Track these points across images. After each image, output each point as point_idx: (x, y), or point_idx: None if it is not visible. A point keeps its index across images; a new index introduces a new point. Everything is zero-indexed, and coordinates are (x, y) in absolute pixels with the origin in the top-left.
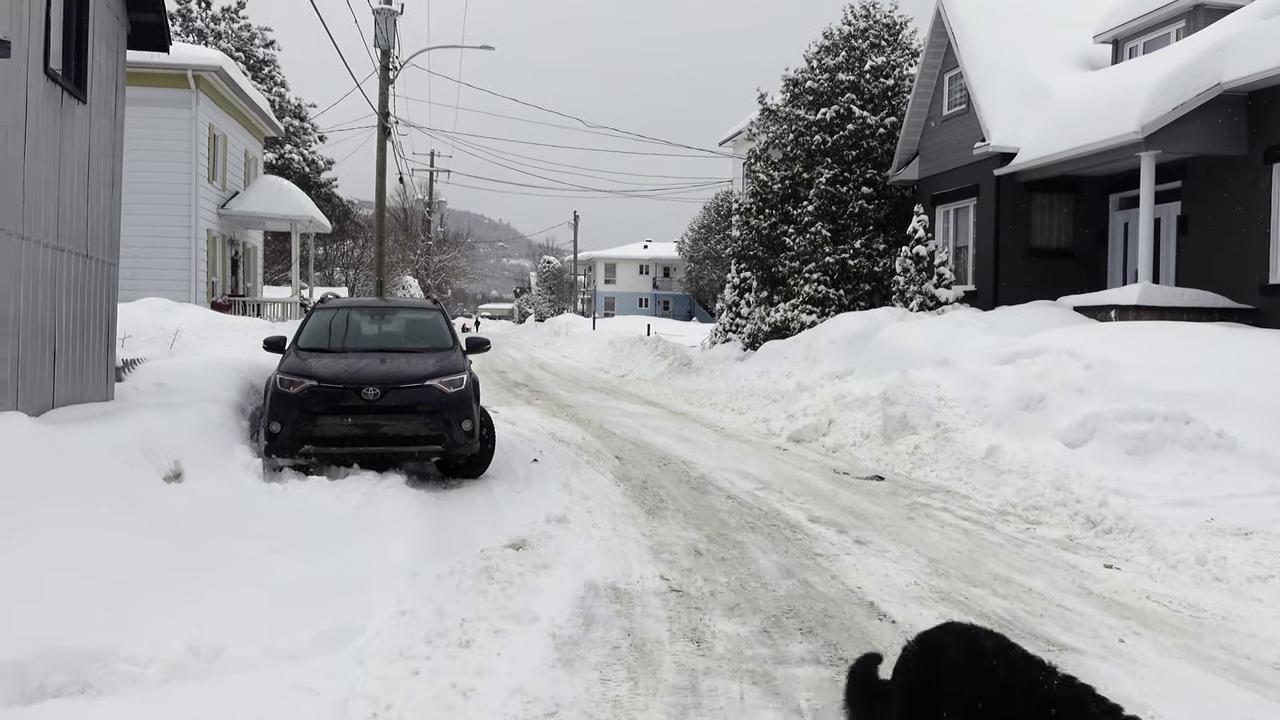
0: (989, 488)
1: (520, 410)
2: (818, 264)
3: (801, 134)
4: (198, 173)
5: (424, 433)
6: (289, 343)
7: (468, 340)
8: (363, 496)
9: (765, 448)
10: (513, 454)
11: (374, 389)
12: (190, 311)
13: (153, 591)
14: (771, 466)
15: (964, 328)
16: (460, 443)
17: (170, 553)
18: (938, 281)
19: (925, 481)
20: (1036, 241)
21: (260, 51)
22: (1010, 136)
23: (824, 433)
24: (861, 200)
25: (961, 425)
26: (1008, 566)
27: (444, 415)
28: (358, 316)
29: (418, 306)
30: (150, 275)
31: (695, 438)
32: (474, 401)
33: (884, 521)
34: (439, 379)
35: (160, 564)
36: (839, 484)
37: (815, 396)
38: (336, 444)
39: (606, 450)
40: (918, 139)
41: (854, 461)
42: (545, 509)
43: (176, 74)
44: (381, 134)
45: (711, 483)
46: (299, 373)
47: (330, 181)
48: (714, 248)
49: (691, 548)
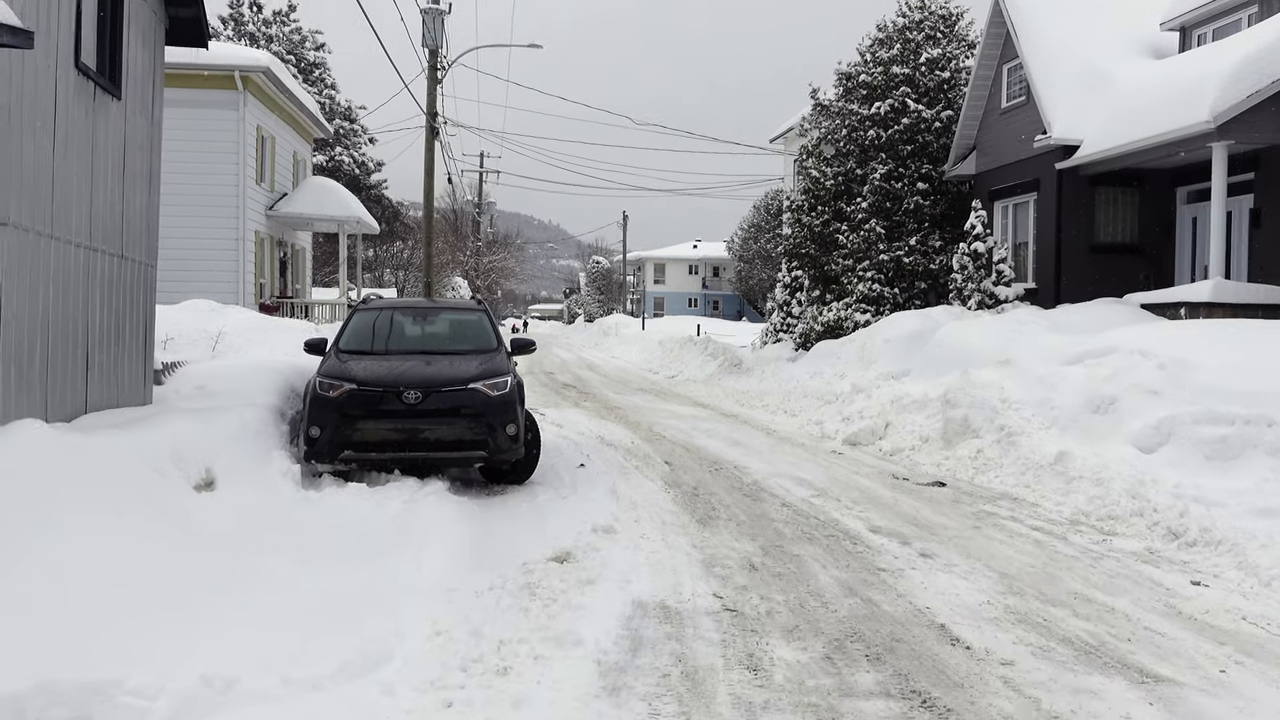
0: (1059, 495)
1: (568, 412)
2: (871, 262)
3: (855, 129)
4: (245, 174)
5: (467, 437)
6: (330, 345)
7: (513, 342)
8: (402, 505)
9: (819, 452)
10: (559, 458)
11: (415, 392)
12: (235, 313)
13: (170, 610)
14: (827, 472)
15: (1025, 326)
16: (504, 448)
17: (193, 568)
18: (997, 279)
19: (990, 488)
20: (1100, 237)
21: (311, 54)
22: (1073, 128)
23: (880, 436)
24: (917, 196)
25: (1027, 429)
26: (1086, 583)
27: (487, 419)
28: (400, 318)
29: (461, 307)
30: (198, 277)
31: (747, 441)
32: (519, 405)
33: (949, 532)
34: (482, 382)
35: (181, 581)
36: (899, 490)
37: (871, 398)
38: (377, 449)
39: (656, 454)
40: (975, 133)
41: (913, 466)
42: (591, 518)
43: (224, 75)
44: (429, 134)
45: (765, 489)
46: (338, 375)
47: (380, 183)
48: (764, 247)
49: (746, 561)
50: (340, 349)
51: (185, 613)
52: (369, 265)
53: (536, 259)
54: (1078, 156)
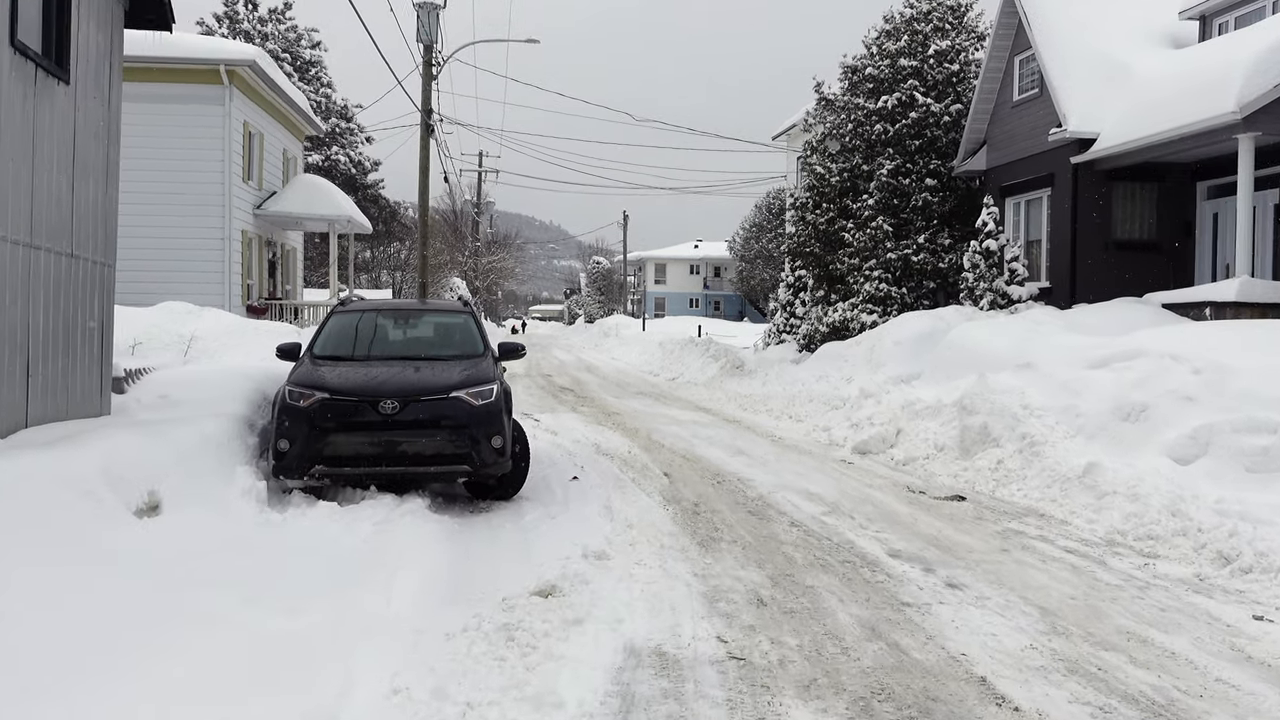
0: (1090, 512)
1: (564, 418)
2: (879, 261)
3: (861, 123)
4: (231, 171)
5: (448, 451)
6: (303, 350)
7: (501, 346)
8: (375, 526)
9: (828, 461)
10: (551, 470)
11: (392, 402)
12: (212, 316)
13: (76, 676)
14: (837, 484)
15: (1042, 327)
16: (489, 462)
17: (107, 620)
18: (1010, 278)
19: (1013, 503)
20: (1117, 234)
21: (307, 53)
22: (1089, 121)
23: (892, 444)
24: (925, 193)
25: (1051, 437)
26: (1136, 618)
27: (470, 431)
28: (380, 321)
29: (445, 309)
30: (181, 278)
31: (751, 450)
32: (505, 415)
33: (975, 555)
34: (465, 390)
35: (99, 633)
36: (916, 506)
37: (881, 403)
38: (350, 464)
39: (654, 465)
40: (985, 127)
41: (928, 478)
42: (583, 540)
43: (209, 69)
44: (424, 131)
45: (772, 505)
46: (310, 384)
47: (377, 183)
48: (765, 246)
49: (753, 594)
50: (314, 354)
51: (98, 676)
52: (366, 266)
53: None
54: (1094, 150)
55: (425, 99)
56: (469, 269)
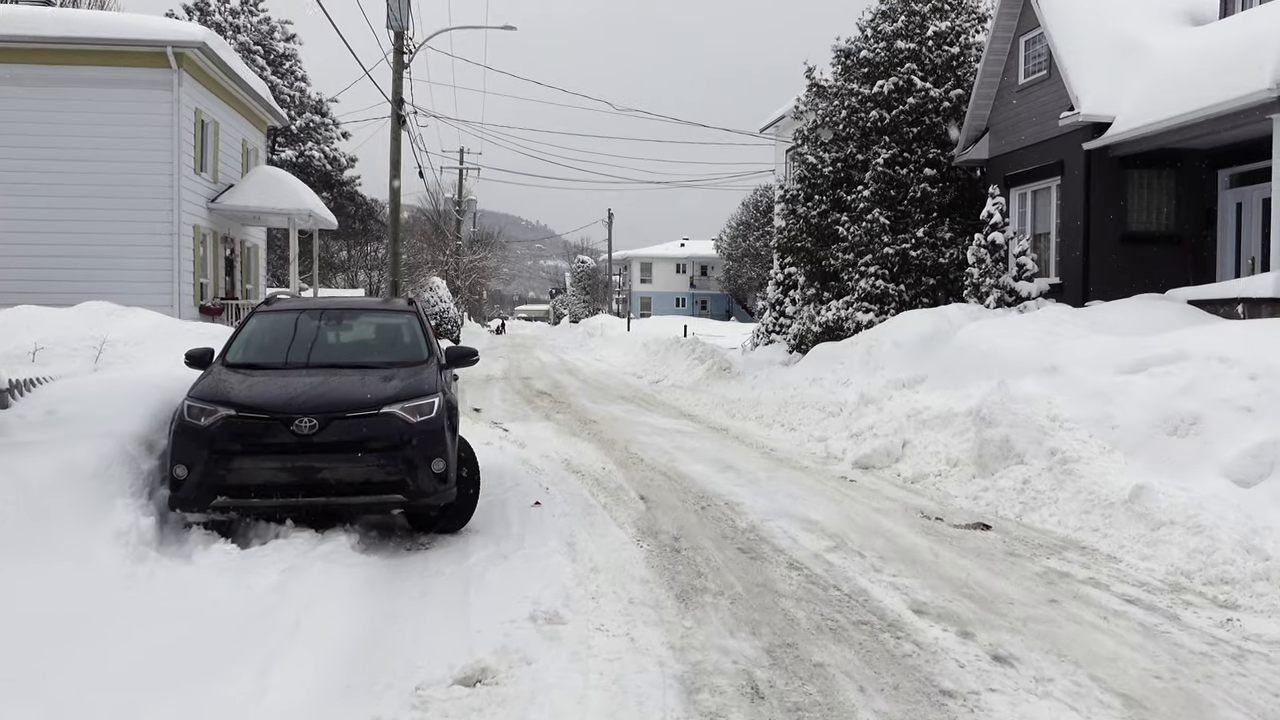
0: (1143, 546)
1: (535, 427)
2: (874, 256)
3: (855, 110)
4: (181, 161)
5: (378, 478)
6: (215, 356)
7: (449, 352)
8: (281, 575)
9: (827, 478)
10: (512, 492)
11: (309, 419)
12: (138, 317)
13: None
14: (840, 509)
15: (1062, 326)
16: (428, 490)
17: None
18: (1018, 273)
19: (1047, 532)
20: (1132, 226)
21: (280, 45)
22: (1103, 104)
23: (898, 458)
24: (924, 183)
25: (1084, 453)
26: (1249, 711)
27: (405, 453)
28: (307, 322)
29: (384, 309)
30: (126, 276)
31: (740, 464)
32: (449, 433)
33: (1019, 610)
34: (401, 404)
35: None
36: (935, 538)
37: (883, 411)
38: (260, 494)
39: (630, 485)
40: (987, 113)
41: (943, 499)
42: (535, 593)
43: (154, 51)
44: (395, 123)
45: (766, 539)
46: (213, 398)
47: (353, 179)
48: (753, 245)
49: (745, 678)
50: (226, 361)
51: None
52: (343, 266)
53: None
54: (1109, 135)
55: (396, 89)
56: (450, 268)
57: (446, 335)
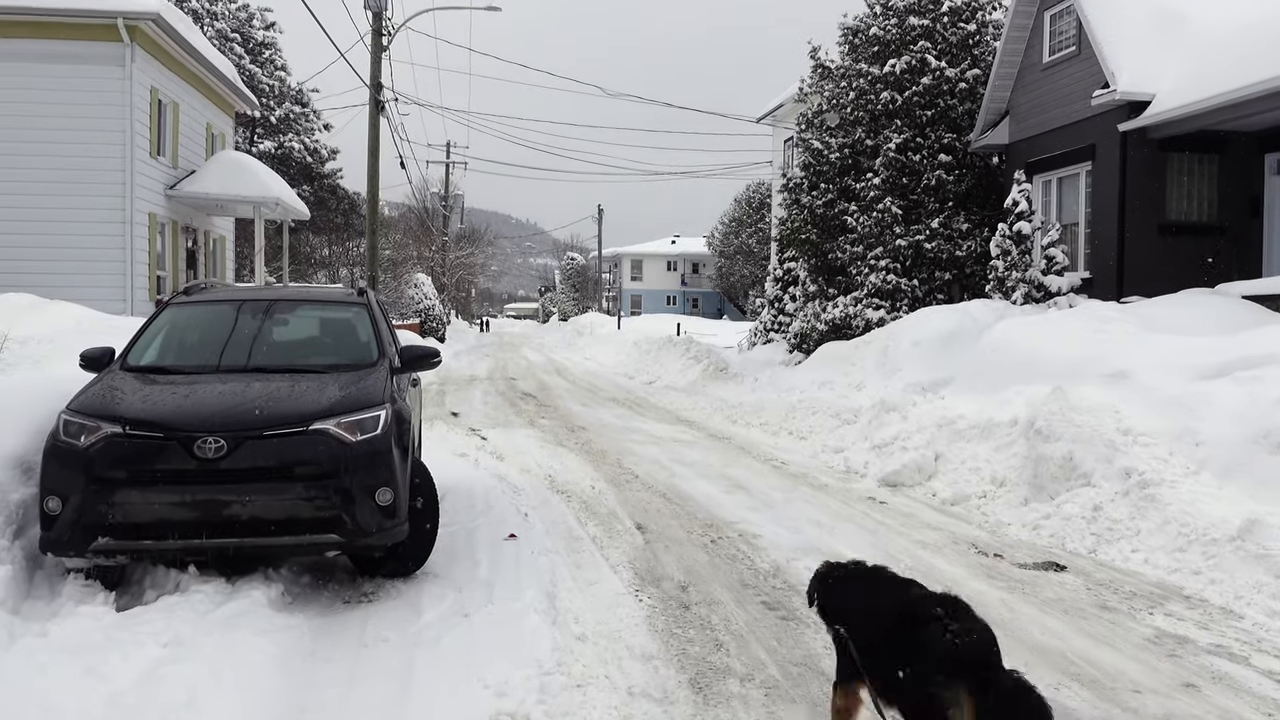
0: (1269, 599)
1: (517, 436)
2: (885, 248)
3: (864, 92)
4: (134, 144)
5: (305, 514)
6: (115, 357)
7: (406, 352)
8: (160, 653)
9: (852, 499)
10: (483, 519)
11: (216, 439)
12: (61, 311)
13: None
14: (877, 541)
15: (1110, 325)
16: (370, 528)
17: None
18: (1046, 266)
19: (1134, 574)
20: (1171, 215)
21: (260, 34)
22: (1142, 81)
23: (930, 474)
24: (939, 170)
25: (1167, 475)
26: None
27: (341, 482)
28: (230, 315)
29: (328, 299)
30: (71, 268)
31: (750, 482)
32: (399, 455)
33: (1151, 702)
34: (337, 418)
35: None
36: (1003, 584)
37: (908, 419)
38: (154, 534)
39: (624, 510)
40: (1008, 95)
41: (995, 528)
42: (499, 679)
43: (104, 24)
44: (374, 109)
45: (796, 588)
46: (97, 411)
47: (335, 173)
48: (745, 242)
49: None
50: (127, 364)
51: None
52: (324, 262)
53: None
54: (1148, 115)
55: (374, 72)
56: (436, 265)
57: (432, 333)
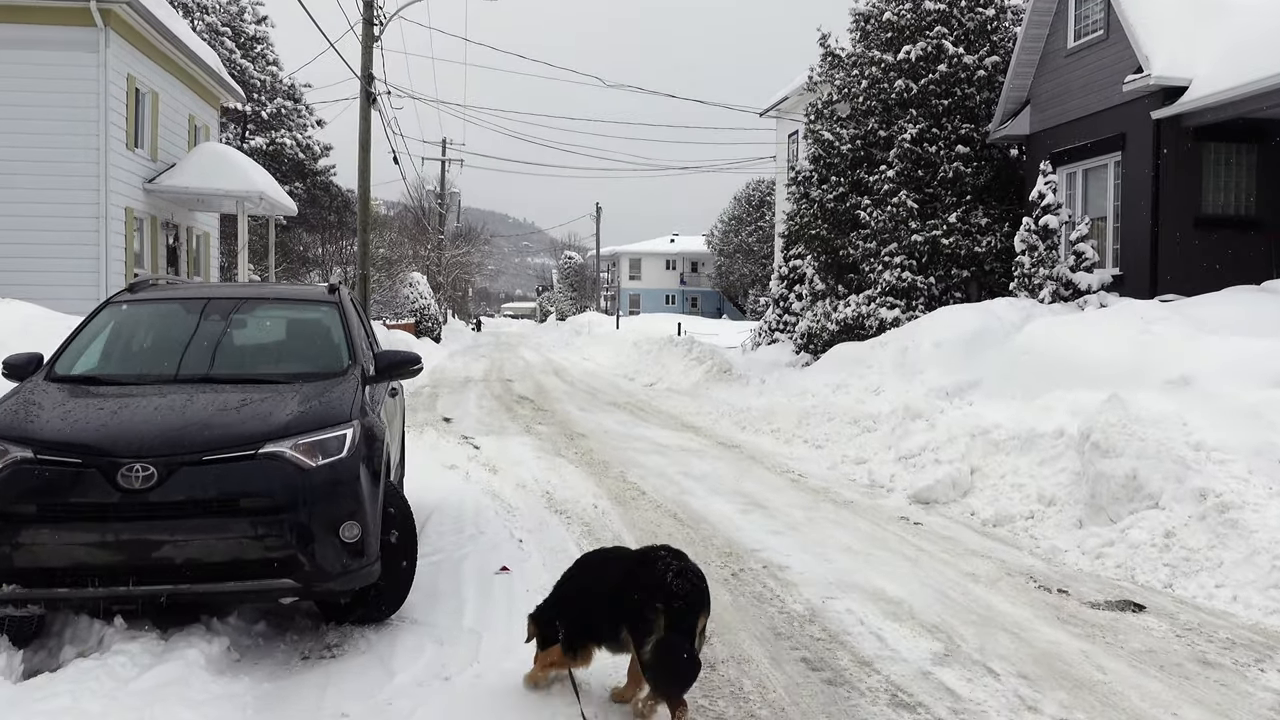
0: None
1: (512, 443)
2: (900, 244)
3: (877, 81)
4: (109, 134)
5: (253, 556)
6: (42, 364)
7: (383, 359)
8: None
9: (883, 519)
10: (472, 546)
11: (143, 467)
12: (15, 311)
13: None
14: (921, 573)
15: (1156, 326)
16: (333, 569)
17: None
18: (1076, 262)
19: (1225, 615)
20: (1207, 208)
21: (251, 28)
22: (1178, 65)
23: (965, 490)
24: (957, 162)
25: (1248, 497)
26: None
27: (296, 517)
28: (180, 316)
29: (295, 299)
30: (44, 265)
31: (768, 499)
32: (368, 481)
33: None
34: (294, 439)
35: None
36: (1079, 630)
37: (936, 428)
38: (70, 580)
39: (631, 535)
40: (1028, 82)
41: (1051, 555)
42: None
43: (76, 7)
44: (365, 101)
45: (838, 637)
46: (6, 432)
47: (328, 169)
48: (745, 240)
49: None
50: (53, 373)
51: None
52: (317, 261)
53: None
54: (1185, 101)
55: (366, 63)
56: (432, 264)
57: (428, 333)
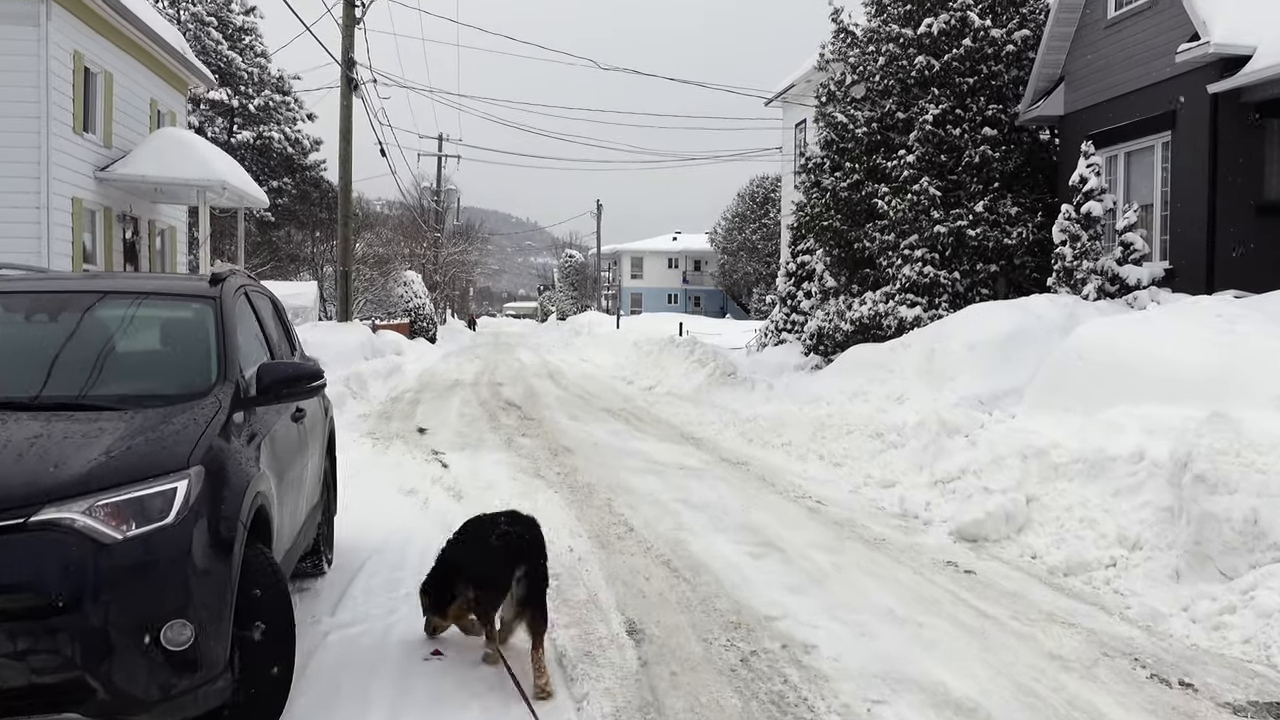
0: None
1: (487, 461)
2: (922, 236)
3: (895, 57)
4: (52, 115)
5: (16, 682)
6: None
7: (268, 373)
8: None
9: (924, 564)
10: (406, 605)
11: None
12: None
13: None
14: (988, 652)
15: (1241, 326)
16: (145, 695)
17: None
18: (1124, 254)
19: None
20: (1273, 193)
21: (239, 19)
22: (1239, 33)
23: (1020, 525)
24: (984, 145)
25: None
26: None
27: (83, 619)
28: (9, 316)
29: (160, 292)
30: None
31: (783, 537)
32: (208, 556)
33: None
34: (88, 500)
35: None
36: None
37: (977, 445)
38: None
39: (610, 593)
40: (1063, 58)
41: (1147, 620)
42: None
43: None
44: (346, 87)
45: None
46: None
47: (318, 164)
48: (749, 238)
49: None
50: None
51: None
52: (307, 259)
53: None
54: (1247, 72)
55: (346, 46)
56: (428, 262)
57: (422, 333)
